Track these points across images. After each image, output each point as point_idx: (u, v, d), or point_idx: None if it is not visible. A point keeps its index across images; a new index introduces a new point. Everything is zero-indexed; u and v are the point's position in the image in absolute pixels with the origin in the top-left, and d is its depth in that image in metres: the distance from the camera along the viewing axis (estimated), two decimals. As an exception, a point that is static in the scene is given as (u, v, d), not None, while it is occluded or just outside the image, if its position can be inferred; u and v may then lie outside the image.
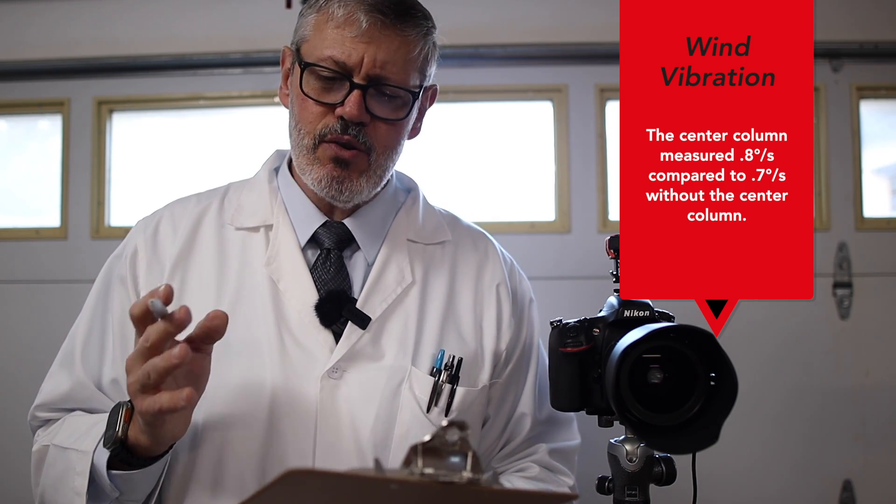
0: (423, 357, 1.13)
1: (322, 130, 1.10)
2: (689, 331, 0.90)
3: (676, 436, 0.91)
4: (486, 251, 1.27)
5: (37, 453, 1.12)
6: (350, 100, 1.07)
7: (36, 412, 1.17)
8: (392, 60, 1.08)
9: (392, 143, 1.14)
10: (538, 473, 1.23)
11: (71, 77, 2.26)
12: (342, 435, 1.08)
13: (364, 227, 1.18)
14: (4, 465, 2.20)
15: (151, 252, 1.16)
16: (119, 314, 1.15)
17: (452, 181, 2.20)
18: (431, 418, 1.11)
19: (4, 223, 2.32)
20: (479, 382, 1.17)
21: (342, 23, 1.07)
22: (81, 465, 1.02)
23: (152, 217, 1.22)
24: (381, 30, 1.07)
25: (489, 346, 1.19)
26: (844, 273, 2.15)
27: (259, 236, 1.17)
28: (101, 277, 1.20)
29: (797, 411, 2.13)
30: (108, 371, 1.14)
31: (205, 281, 1.14)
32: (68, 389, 1.14)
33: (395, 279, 1.16)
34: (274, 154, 1.28)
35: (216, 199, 1.23)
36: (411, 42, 1.10)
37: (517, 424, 1.24)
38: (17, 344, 2.22)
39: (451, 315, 1.18)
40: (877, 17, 2.19)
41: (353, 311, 1.11)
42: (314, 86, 1.10)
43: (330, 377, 1.09)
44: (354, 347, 1.11)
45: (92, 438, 1.03)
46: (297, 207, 1.18)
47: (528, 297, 1.29)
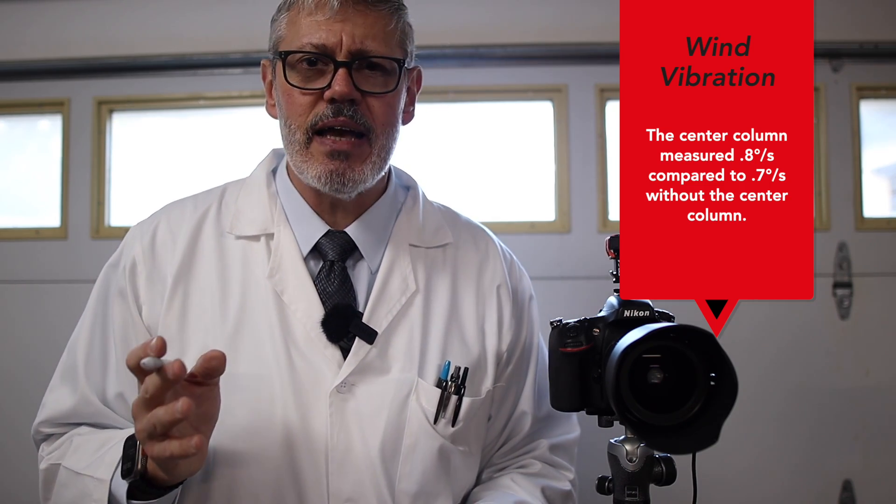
0: (428, 368, 1.14)
1: (313, 120, 1.08)
2: (689, 331, 0.90)
3: (676, 436, 0.91)
4: (487, 250, 1.27)
5: (45, 472, 1.12)
6: (337, 79, 1.06)
7: (40, 428, 1.17)
8: (370, 35, 1.08)
9: (389, 119, 1.12)
10: (540, 469, 1.23)
11: (71, 77, 2.26)
12: (353, 448, 1.09)
13: (366, 235, 1.17)
14: (4, 464, 2.20)
15: (151, 264, 1.15)
16: (120, 328, 1.15)
17: (452, 181, 2.20)
18: (438, 429, 1.12)
19: (4, 223, 2.32)
20: (483, 390, 1.18)
21: (313, 9, 1.08)
22: (98, 493, 1.03)
23: (149, 223, 1.21)
24: (354, 7, 1.08)
25: (491, 349, 1.19)
26: (844, 273, 2.15)
27: (260, 245, 1.16)
28: (99, 288, 1.19)
29: (797, 411, 2.12)
30: (113, 385, 1.14)
31: (208, 296, 1.13)
32: (73, 405, 1.14)
33: (399, 288, 1.16)
34: (270, 154, 1.27)
35: (214, 203, 1.21)
36: (385, 17, 1.10)
37: (518, 422, 1.24)
38: (17, 344, 2.22)
39: (455, 321, 1.18)
40: (877, 17, 2.19)
41: (359, 327, 1.11)
42: (298, 76, 1.09)
43: (339, 392, 1.09)
44: (362, 362, 1.11)
45: (107, 466, 1.03)
46: (297, 215, 1.17)
47: (528, 294, 1.29)
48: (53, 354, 1.22)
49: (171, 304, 1.12)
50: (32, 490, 1.17)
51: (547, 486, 1.21)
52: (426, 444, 1.11)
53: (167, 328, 1.11)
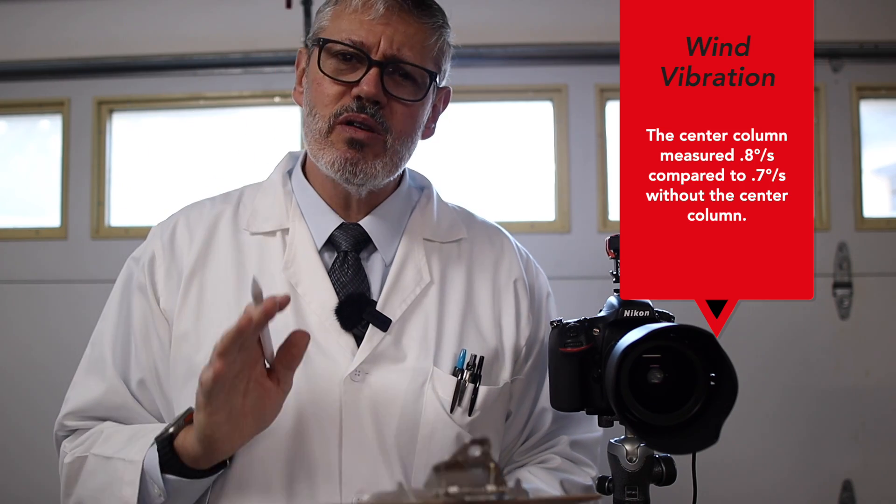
0: (444, 357, 1.14)
1: (338, 110, 1.10)
2: (689, 331, 0.90)
3: (676, 436, 0.91)
4: (502, 247, 1.27)
5: (70, 465, 1.11)
6: (367, 78, 1.08)
7: (65, 421, 1.16)
8: (409, 44, 1.10)
9: (408, 128, 1.14)
10: (560, 464, 1.23)
11: (71, 77, 2.26)
12: (367, 438, 1.09)
13: (380, 228, 1.18)
14: (4, 464, 2.20)
15: (170, 258, 1.17)
16: (140, 321, 1.16)
17: (453, 181, 2.20)
18: (455, 418, 1.12)
19: (4, 223, 2.33)
20: (500, 380, 1.17)
21: (360, 8, 1.10)
22: (130, 474, 1.02)
23: (168, 221, 1.22)
24: (400, 14, 1.10)
25: (509, 343, 1.20)
26: (844, 273, 2.15)
27: (276, 240, 1.17)
28: (121, 282, 1.20)
29: (797, 411, 2.13)
30: (135, 372, 1.15)
31: (223, 288, 1.14)
32: (101, 394, 1.14)
33: (414, 279, 1.16)
34: (286, 156, 1.28)
35: (231, 205, 1.23)
36: (427, 30, 1.13)
37: (538, 419, 1.24)
38: (17, 344, 2.22)
39: (471, 313, 1.19)
40: (877, 17, 2.19)
41: (373, 314, 1.11)
42: (332, 66, 1.11)
43: (353, 380, 1.09)
44: (376, 350, 1.11)
45: (139, 448, 1.03)
46: (312, 210, 1.18)
47: (546, 291, 1.29)
48: (53, 354, 1.22)
49: (186, 297, 1.14)
50: (32, 490, 1.17)
51: (566, 479, 1.21)
52: (443, 433, 1.11)
53: (183, 321, 1.12)
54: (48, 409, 1.21)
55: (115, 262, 1.23)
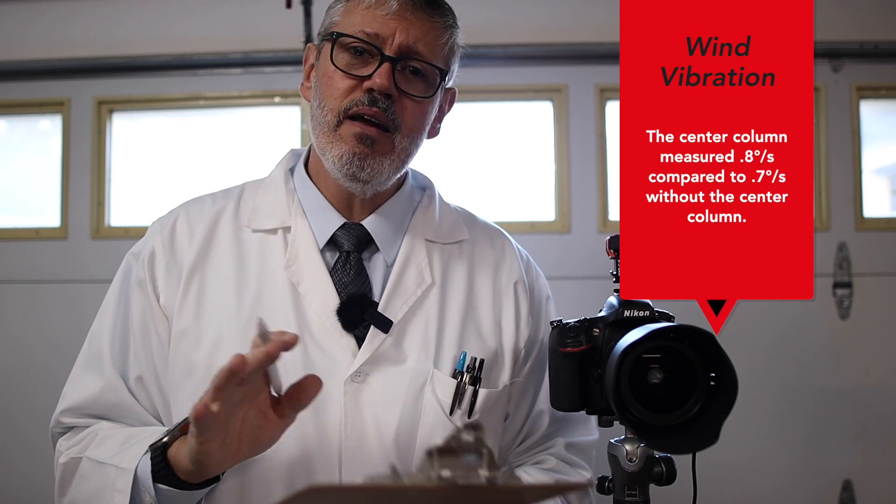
0: (444, 359, 1.14)
1: (348, 104, 1.10)
2: (689, 331, 0.90)
3: (676, 436, 0.91)
4: (503, 249, 1.27)
5: (65, 466, 1.11)
6: (380, 72, 1.09)
7: (61, 418, 1.16)
8: (422, 40, 1.11)
9: (417, 125, 1.14)
10: (555, 465, 1.23)
11: (71, 77, 2.26)
12: (367, 439, 1.09)
13: (383, 228, 1.18)
14: (4, 464, 2.20)
15: (169, 254, 1.16)
16: (139, 317, 1.15)
17: (453, 181, 2.20)
18: (454, 420, 1.12)
19: (4, 223, 2.33)
20: (500, 383, 1.18)
21: (373, 4, 1.11)
22: (122, 482, 1.02)
23: (168, 217, 1.22)
24: (412, 11, 1.11)
25: (508, 345, 1.20)
26: (844, 273, 2.15)
27: (277, 238, 1.17)
28: (120, 278, 1.20)
29: (797, 411, 2.13)
30: (133, 369, 1.15)
31: (223, 285, 1.14)
32: (98, 391, 1.14)
33: (415, 281, 1.16)
34: (288, 154, 1.28)
35: (232, 200, 1.22)
36: (439, 29, 1.13)
37: (535, 421, 1.25)
38: (18, 344, 2.22)
39: (471, 315, 1.19)
40: (877, 17, 2.19)
41: (375, 315, 1.11)
42: (344, 60, 1.11)
43: (353, 381, 1.09)
44: (377, 351, 1.11)
45: (132, 456, 1.03)
46: (314, 208, 1.18)
47: (545, 293, 1.29)
48: (53, 354, 1.22)
49: (186, 294, 1.13)
50: (32, 490, 1.17)
51: (561, 480, 1.21)
52: (442, 435, 1.10)
53: (183, 318, 1.12)
54: (48, 409, 1.20)
55: (115, 262, 1.22)
